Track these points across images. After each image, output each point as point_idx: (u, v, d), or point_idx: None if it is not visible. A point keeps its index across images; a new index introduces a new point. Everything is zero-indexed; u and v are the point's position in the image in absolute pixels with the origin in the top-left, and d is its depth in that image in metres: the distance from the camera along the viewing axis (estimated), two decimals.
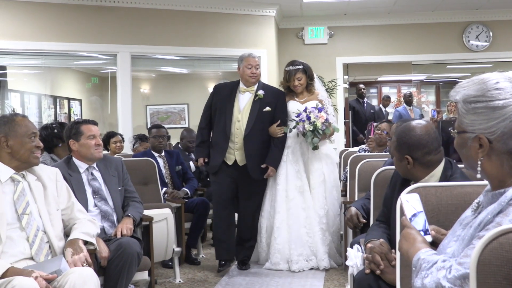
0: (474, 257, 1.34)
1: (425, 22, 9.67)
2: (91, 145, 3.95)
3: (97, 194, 3.94)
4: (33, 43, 7.82)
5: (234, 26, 8.49)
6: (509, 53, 9.77)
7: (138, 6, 8.10)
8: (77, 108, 13.25)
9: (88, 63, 10.54)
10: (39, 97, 12.16)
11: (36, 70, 12.09)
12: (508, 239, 1.33)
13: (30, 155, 3.06)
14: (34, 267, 2.79)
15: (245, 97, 5.40)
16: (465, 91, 1.69)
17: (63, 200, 3.23)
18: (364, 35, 9.83)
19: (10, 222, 2.93)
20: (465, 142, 1.70)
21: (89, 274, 2.76)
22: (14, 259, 2.87)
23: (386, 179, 3.22)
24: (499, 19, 9.63)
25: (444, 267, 1.60)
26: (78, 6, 7.90)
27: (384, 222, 2.91)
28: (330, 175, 5.54)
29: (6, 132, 3.02)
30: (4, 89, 11.10)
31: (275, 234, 5.38)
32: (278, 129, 5.33)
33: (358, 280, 2.64)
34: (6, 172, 3.03)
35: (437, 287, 1.58)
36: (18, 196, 3.01)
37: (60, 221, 3.14)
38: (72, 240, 3.06)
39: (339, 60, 9.82)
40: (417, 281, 1.68)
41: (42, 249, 2.98)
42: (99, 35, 8.05)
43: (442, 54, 9.97)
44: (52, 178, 3.23)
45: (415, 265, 1.73)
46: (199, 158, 5.53)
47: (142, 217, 4.10)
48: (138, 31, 8.10)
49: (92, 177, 3.99)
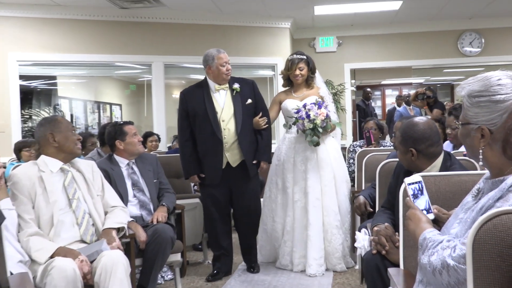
0: (470, 237, 1.33)
1: (423, 31, 9.60)
2: (136, 142, 4.02)
3: (135, 186, 3.98)
4: (79, 55, 7.88)
5: (253, 37, 8.50)
6: (499, 57, 9.68)
7: (169, 21, 8.13)
8: (117, 112, 13.35)
9: (126, 72, 10.59)
10: (85, 103, 12.28)
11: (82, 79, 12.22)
12: (501, 220, 1.31)
13: (74, 146, 3.13)
14: (81, 250, 2.82)
15: (221, 95, 4.45)
16: (470, 87, 1.68)
17: (97, 188, 3.26)
18: (369, 43, 9.77)
19: (62, 207, 2.97)
20: (468, 133, 1.69)
21: (118, 256, 2.77)
22: (66, 242, 2.90)
23: (389, 170, 3.20)
24: (490, 27, 9.54)
25: (449, 247, 1.58)
26: (117, 22, 7.96)
27: (389, 209, 2.89)
28: (339, 170, 4.81)
29: (52, 129, 3.08)
30: (55, 96, 11.24)
31: (285, 237, 4.72)
32: (261, 120, 4.49)
33: (366, 260, 2.63)
34: (56, 164, 3.08)
35: (442, 264, 1.57)
36: (68, 183, 3.06)
37: (101, 205, 3.16)
38: (106, 230, 3.07)
39: (346, 66, 9.77)
40: (423, 258, 1.67)
41: (88, 230, 3.01)
42: (136, 47, 8.10)
43: (439, 59, 9.88)
44: (88, 169, 3.27)
45: (421, 243, 1.71)
46: (191, 176, 4.51)
47: (175, 206, 4.13)
48: (170, 43, 8.12)
49: (132, 171, 4.03)
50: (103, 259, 2.71)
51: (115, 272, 2.64)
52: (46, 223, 2.90)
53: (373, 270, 2.50)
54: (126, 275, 2.69)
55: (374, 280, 2.45)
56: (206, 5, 7.53)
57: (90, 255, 2.77)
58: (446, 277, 1.55)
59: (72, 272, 2.55)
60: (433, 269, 1.60)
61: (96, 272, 2.69)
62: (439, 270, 1.58)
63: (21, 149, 5.58)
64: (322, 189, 4.65)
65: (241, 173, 4.45)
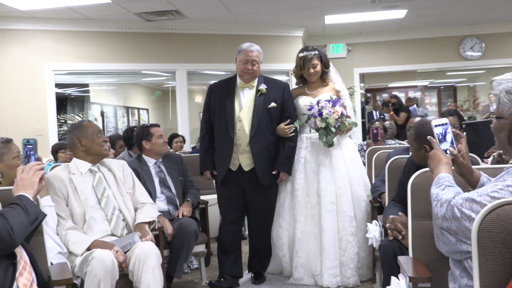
0: (475, 226, 1.32)
1: (427, 37, 9.55)
2: (161, 143, 4.04)
3: (163, 183, 4.00)
4: (109, 64, 7.97)
5: (269, 45, 8.47)
6: (499, 60, 9.60)
7: (191, 32, 8.17)
8: (145, 116, 13.44)
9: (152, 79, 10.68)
10: (115, 108, 12.38)
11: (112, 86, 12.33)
12: (504, 210, 1.31)
13: (101, 148, 3.13)
14: (115, 242, 2.85)
15: (246, 94, 3.86)
16: (508, 83, 1.66)
17: (128, 185, 3.27)
18: (376, 49, 9.74)
19: (92, 205, 3.00)
20: (502, 127, 1.67)
21: (150, 247, 2.79)
22: (98, 236, 2.93)
23: (398, 166, 3.19)
24: (490, 32, 9.46)
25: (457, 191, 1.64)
26: (143, 33, 8.02)
27: (399, 202, 2.87)
28: (355, 173, 4.01)
29: (79, 135, 3.09)
30: (87, 102, 11.36)
31: (297, 246, 3.93)
32: (288, 127, 3.82)
33: (384, 247, 2.61)
34: (85, 166, 3.10)
35: (447, 199, 1.60)
36: (96, 183, 3.08)
37: (131, 202, 3.18)
38: (139, 224, 3.08)
39: (356, 71, 9.74)
40: (434, 189, 1.70)
41: (119, 225, 3.03)
42: (161, 56, 8.16)
43: (442, 63, 9.82)
44: (119, 168, 3.27)
45: (437, 181, 1.73)
46: (205, 172, 3.96)
47: (199, 201, 4.15)
48: (192, 52, 8.16)
49: (159, 169, 4.06)
50: (137, 250, 2.74)
51: (147, 261, 2.66)
52: (79, 220, 2.93)
53: (390, 256, 2.47)
54: (158, 264, 2.72)
55: (390, 266, 2.42)
56: (225, 16, 7.56)
57: (123, 246, 2.80)
58: (443, 210, 1.59)
59: (110, 262, 2.58)
60: (437, 200, 1.64)
61: (130, 261, 2.72)
62: (441, 202, 1.61)
63: (57, 151, 5.65)
64: (337, 191, 3.90)
65: (255, 179, 3.81)
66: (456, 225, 1.54)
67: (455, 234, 1.56)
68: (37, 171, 2.26)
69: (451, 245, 1.60)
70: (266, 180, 3.82)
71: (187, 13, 7.42)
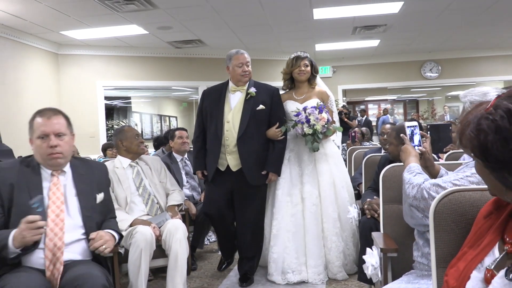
0: (432, 207, 1.32)
1: (395, 61, 9.54)
2: (179, 143, 4.04)
3: (188, 174, 4.00)
4: (146, 81, 8.00)
5: (271, 67, 8.49)
6: (452, 79, 9.62)
7: (210, 56, 8.19)
8: (174, 122, 13.48)
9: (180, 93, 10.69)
10: (151, 116, 12.43)
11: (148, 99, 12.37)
12: (454, 196, 1.31)
13: (138, 148, 3.11)
14: (152, 219, 2.86)
15: (236, 97, 3.24)
16: (472, 96, 1.67)
17: (162, 176, 3.24)
18: (356, 70, 9.73)
19: (132, 192, 3.00)
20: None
21: (179, 223, 2.78)
22: (137, 215, 2.94)
23: (372, 162, 3.18)
24: (445, 58, 9.44)
25: (426, 177, 1.63)
26: (173, 58, 8.06)
27: (375, 190, 2.86)
28: (339, 175, 3.38)
29: (121, 138, 3.09)
30: (129, 111, 11.40)
31: (272, 242, 3.27)
32: (278, 131, 3.18)
33: (362, 223, 2.62)
34: (126, 162, 3.09)
35: (418, 183, 1.59)
36: (135, 175, 3.06)
37: (163, 189, 3.18)
38: (170, 206, 3.08)
39: (340, 87, 9.74)
40: (406, 175, 1.69)
41: (154, 207, 3.02)
42: (186, 75, 8.19)
43: (407, 82, 9.81)
44: (154, 163, 3.27)
45: (408, 169, 1.73)
46: (197, 172, 3.31)
47: None
48: (211, 72, 8.17)
49: (185, 164, 4.06)
50: (168, 225, 2.75)
51: (176, 234, 2.67)
52: (122, 202, 2.92)
53: (367, 230, 2.49)
54: (184, 237, 2.72)
55: (367, 239, 2.43)
56: (237, 45, 7.58)
57: (158, 223, 2.81)
58: (414, 191, 1.58)
59: (149, 236, 2.58)
60: (409, 184, 1.63)
61: (163, 234, 2.73)
62: (413, 185, 1.60)
63: (106, 149, 5.65)
64: (321, 194, 3.30)
65: (243, 179, 3.15)
66: (423, 204, 1.55)
67: (422, 211, 1.57)
68: (38, 235, 1.75)
69: (417, 219, 1.60)
70: (254, 180, 3.16)
71: (207, 42, 7.44)
